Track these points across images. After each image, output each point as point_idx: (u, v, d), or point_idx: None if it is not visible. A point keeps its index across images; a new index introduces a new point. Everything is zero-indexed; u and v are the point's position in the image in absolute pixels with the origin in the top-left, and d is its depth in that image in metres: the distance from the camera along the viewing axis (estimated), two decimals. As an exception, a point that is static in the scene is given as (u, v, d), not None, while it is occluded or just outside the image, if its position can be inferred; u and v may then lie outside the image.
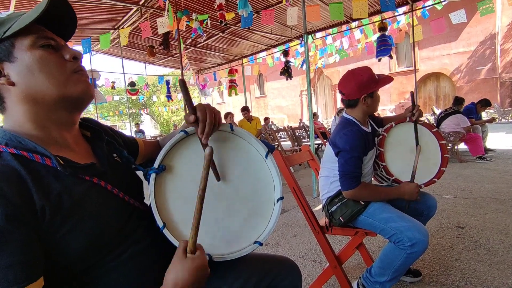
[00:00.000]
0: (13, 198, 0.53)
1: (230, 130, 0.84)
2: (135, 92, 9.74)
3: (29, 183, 0.57)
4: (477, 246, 2.11)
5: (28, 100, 0.64)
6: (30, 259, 0.53)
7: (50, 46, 0.65)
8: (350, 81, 1.55)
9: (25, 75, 0.63)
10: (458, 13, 5.18)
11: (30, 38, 0.63)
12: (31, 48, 0.63)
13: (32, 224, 0.55)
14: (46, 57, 0.64)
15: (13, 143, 0.61)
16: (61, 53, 0.67)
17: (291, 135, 7.18)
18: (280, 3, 5.97)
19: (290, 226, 2.88)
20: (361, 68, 1.56)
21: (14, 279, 0.50)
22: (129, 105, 13.78)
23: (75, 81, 0.67)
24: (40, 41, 0.64)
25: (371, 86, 1.53)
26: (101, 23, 6.86)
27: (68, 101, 0.67)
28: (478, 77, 13.82)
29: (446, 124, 5.47)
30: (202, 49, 8.91)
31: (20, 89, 0.63)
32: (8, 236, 0.51)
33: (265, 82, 21.27)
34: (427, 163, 1.60)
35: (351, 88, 1.55)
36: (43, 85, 0.64)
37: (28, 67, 0.63)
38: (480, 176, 4.25)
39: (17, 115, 0.65)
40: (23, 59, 0.62)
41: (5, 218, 0.51)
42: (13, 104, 0.64)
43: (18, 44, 0.63)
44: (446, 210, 2.93)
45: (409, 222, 1.35)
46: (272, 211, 0.84)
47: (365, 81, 1.51)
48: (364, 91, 1.53)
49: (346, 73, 1.59)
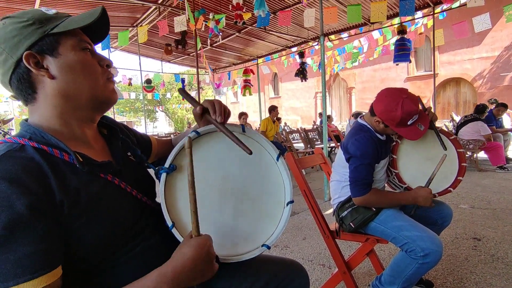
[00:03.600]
0: (35, 189, 0.55)
1: (242, 131, 0.83)
2: (151, 89, 9.91)
3: (50, 177, 0.58)
4: (494, 260, 2.03)
5: (62, 95, 0.66)
6: (51, 248, 0.54)
7: (88, 50, 0.70)
8: (389, 99, 1.40)
9: (67, 72, 0.66)
10: (482, 17, 4.99)
11: (74, 39, 0.67)
12: (74, 49, 0.67)
13: (52, 215, 0.56)
14: (88, 60, 0.69)
15: (36, 137, 0.63)
16: (95, 59, 0.72)
17: (304, 137, 7.12)
18: (297, 4, 5.94)
19: (300, 229, 2.85)
20: (409, 105, 1.36)
21: (35, 266, 0.52)
22: (145, 101, 14.04)
23: (108, 87, 0.73)
24: (82, 44, 0.68)
25: (392, 123, 1.41)
26: (121, 21, 7.03)
27: (98, 102, 0.72)
28: (501, 83, 13.30)
29: (465, 131, 5.29)
30: (218, 48, 8.97)
31: (58, 84, 0.65)
32: (30, 225, 0.52)
33: (279, 83, 21.19)
34: (443, 172, 1.55)
35: (381, 113, 1.43)
36: (81, 84, 0.68)
37: (70, 65, 0.66)
38: (500, 186, 4.09)
39: (45, 108, 0.67)
40: (67, 56, 0.66)
41: (28, 208, 0.52)
42: (46, 97, 0.66)
43: (63, 42, 0.66)
44: (462, 220, 2.83)
45: (422, 231, 1.32)
46: (282, 214, 0.83)
47: (392, 114, 1.38)
48: (390, 123, 1.43)
49: (392, 92, 1.43)
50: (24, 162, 0.57)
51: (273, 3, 5.97)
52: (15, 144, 0.61)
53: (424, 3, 5.78)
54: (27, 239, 0.52)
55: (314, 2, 5.76)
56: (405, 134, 1.43)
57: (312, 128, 8.52)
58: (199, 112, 0.78)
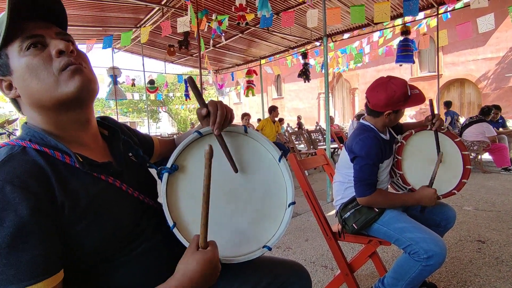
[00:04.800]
0: (38, 192, 0.54)
1: (244, 132, 0.83)
2: (154, 90, 9.95)
3: (51, 179, 0.58)
4: (499, 263, 2.01)
5: (34, 107, 0.65)
6: (52, 253, 0.54)
7: (36, 45, 0.61)
8: (380, 92, 1.45)
9: (22, 86, 0.63)
10: (487, 17, 4.95)
11: (17, 43, 0.61)
12: (19, 54, 0.61)
13: (54, 217, 0.56)
14: (32, 61, 0.60)
15: (36, 139, 0.63)
16: (48, 50, 0.62)
17: (307, 138, 7.11)
18: (300, 5, 5.94)
19: (302, 230, 2.84)
20: (397, 81, 1.43)
21: (36, 272, 0.51)
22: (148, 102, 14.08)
23: (65, 80, 0.62)
24: (25, 42, 0.60)
25: (400, 104, 1.44)
26: (124, 22, 7.07)
27: (66, 102, 0.63)
28: (506, 84, 13.19)
29: (470, 132, 5.25)
30: (221, 49, 8.99)
31: (24, 99, 0.65)
32: (32, 228, 0.52)
33: (282, 84, 21.18)
34: (448, 174, 1.53)
35: (379, 99, 1.45)
36: (37, 92, 0.62)
37: (21, 77, 0.61)
38: (504, 188, 4.05)
39: (35, 118, 0.67)
40: (16, 69, 0.61)
41: (30, 211, 0.52)
42: (27, 111, 0.67)
43: (10, 54, 0.61)
44: (466, 222, 2.80)
45: (426, 233, 1.30)
46: (283, 215, 0.83)
47: (396, 97, 1.41)
48: (390, 107, 1.45)
49: (380, 81, 1.48)
50: (26, 164, 0.57)
51: (276, 3, 5.98)
52: (17, 146, 0.61)
53: (428, 4, 5.75)
54: (29, 244, 0.52)
55: (318, 3, 5.75)
56: (414, 103, 1.46)
57: (315, 129, 8.50)
58: (204, 114, 0.77)
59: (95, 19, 6.64)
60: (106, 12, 6.23)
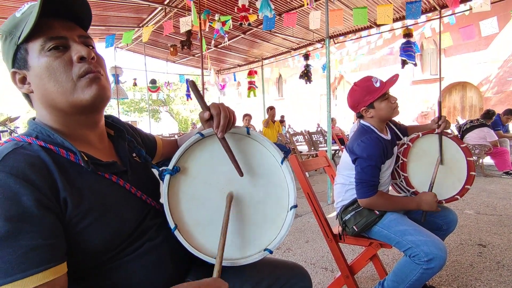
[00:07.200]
0: (41, 186, 0.55)
1: (246, 133, 0.83)
2: (156, 89, 9.96)
3: (55, 175, 0.59)
4: (500, 267, 2.00)
5: (45, 106, 0.66)
6: (56, 243, 0.55)
7: (58, 48, 0.62)
8: (349, 95, 1.59)
9: (38, 84, 0.63)
10: (490, 21, 4.95)
11: (39, 41, 0.61)
12: (40, 54, 0.61)
13: (57, 212, 0.57)
14: (52, 63, 0.61)
15: (42, 136, 0.64)
16: (69, 54, 0.63)
17: (308, 139, 7.10)
18: (302, 6, 5.94)
19: (303, 232, 2.84)
20: (359, 81, 1.56)
21: (41, 260, 0.52)
22: (149, 101, 14.10)
23: (82, 87, 0.63)
24: (48, 43, 0.61)
25: (366, 99, 1.50)
26: (127, 21, 7.08)
27: (79, 108, 0.65)
28: (508, 88, 13.16)
29: (471, 136, 5.24)
30: (223, 49, 9.00)
31: (37, 96, 0.65)
32: (37, 219, 0.53)
33: (284, 85, 21.18)
34: (451, 179, 1.53)
35: (349, 102, 1.60)
36: (52, 93, 0.63)
37: (39, 76, 0.62)
38: (506, 192, 4.04)
39: (44, 115, 0.68)
40: (34, 67, 0.62)
41: (34, 203, 0.53)
42: (38, 107, 0.68)
43: (30, 50, 0.62)
44: (467, 226, 2.80)
45: (427, 236, 1.30)
46: (285, 218, 0.82)
47: (358, 96, 1.53)
48: (361, 105, 1.53)
49: (351, 91, 1.60)
50: (30, 159, 0.58)
51: (279, 5, 5.98)
52: (22, 142, 0.61)
53: (431, 7, 5.74)
54: (33, 233, 0.52)
55: (320, 5, 5.75)
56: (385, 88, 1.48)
57: (316, 130, 8.49)
58: (206, 118, 0.76)
59: (98, 18, 6.66)
60: (109, 11, 6.25)
